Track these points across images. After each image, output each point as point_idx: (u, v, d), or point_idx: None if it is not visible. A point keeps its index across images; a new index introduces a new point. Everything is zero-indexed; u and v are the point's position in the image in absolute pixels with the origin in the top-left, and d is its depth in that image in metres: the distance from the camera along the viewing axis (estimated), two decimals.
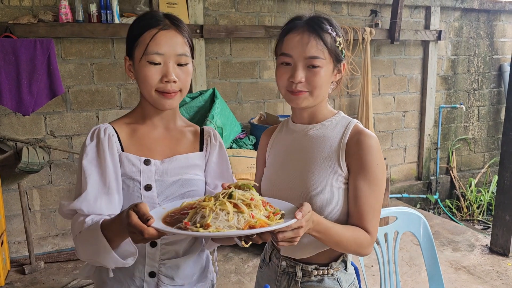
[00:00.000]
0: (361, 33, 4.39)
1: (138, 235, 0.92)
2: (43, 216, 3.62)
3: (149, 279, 1.21)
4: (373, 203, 1.17)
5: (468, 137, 5.53)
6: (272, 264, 1.33)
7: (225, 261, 3.38)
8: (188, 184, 1.22)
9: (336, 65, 1.20)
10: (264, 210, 0.99)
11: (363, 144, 1.16)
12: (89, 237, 1.06)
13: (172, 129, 1.28)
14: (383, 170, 1.18)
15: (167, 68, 1.14)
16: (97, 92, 3.63)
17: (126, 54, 1.22)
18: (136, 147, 1.21)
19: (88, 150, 1.16)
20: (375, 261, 3.33)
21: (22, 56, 3.07)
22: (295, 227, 0.96)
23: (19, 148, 3.38)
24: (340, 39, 1.19)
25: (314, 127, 1.25)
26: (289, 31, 1.17)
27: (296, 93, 1.17)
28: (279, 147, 1.32)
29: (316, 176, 1.19)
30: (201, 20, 3.85)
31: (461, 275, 3.20)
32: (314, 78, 1.15)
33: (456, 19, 5.16)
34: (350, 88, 4.64)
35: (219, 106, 3.39)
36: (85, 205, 1.10)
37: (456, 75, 5.30)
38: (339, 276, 1.25)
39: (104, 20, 3.42)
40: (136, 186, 1.17)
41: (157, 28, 1.14)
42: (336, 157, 1.19)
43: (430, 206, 5.28)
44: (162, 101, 1.17)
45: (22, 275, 3.25)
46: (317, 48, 1.14)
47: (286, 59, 1.17)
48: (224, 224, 0.92)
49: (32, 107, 3.14)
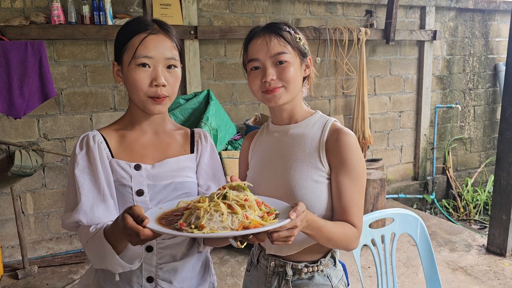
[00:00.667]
0: (356, 34, 4.38)
1: (134, 236, 0.93)
2: (36, 219, 3.58)
3: (147, 284, 1.20)
4: (357, 197, 1.20)
5: (464, 137, 5.53)
6: (260, 266, 1.33)
7: (221, 264, 3.35)
8: (181, 187, 1.22)
9: (303, 59, 1.25)
10: (258, 210, 1.00)
11: (342, 141, 1.20)
12: (95, 245, 1.07)
13: (161, 133, 1.27)
14: (363, 165, 1.22)
15: (157, 71, 1.14)
16: (90, 94, 3.60)
17: (114, 59, 1.22)
18: (126, 153, 1.21)
19: (78, 159, 1.16)
20: (372, 262, 3.32)
21: (13, 58, 3.03)
22: (290, 227, 0.97)
23: (12, 152, 3.34)
24: (299, 36, 1.24)
25: (294, 127, 1.29)
26: (251, 38, 1.23)
27: (271, 91, 1.20)
28: (261, 149, 1.35)
29: (298, 172, 1.22)
30: (195, 21, 3.82)
31: (458, 276, 3.19)
32: (284, 73, 1.19)
33: (451, 19, 5.16)
34: (345, 89, 4.63)
35: (214, 107, 3.37)
36: (83, 216, 1.10)
37: (452, 75, 5.30)
38: (329, 272, 1.27)
39: (97, 21, 3.40)
40: (128, 192, 1.17)
41: (146, 33, 1.15)
42: (317, 154, 1.22)
43: (426, 206, 5.27)
44: (151, 106, 1.17)
45: (15, 280, 3.21)
46: (279, 45, 1.19)
47: (255, 64, 1.21)
48: (218, 225, 0.93)
49: (23, 110, 3.10)
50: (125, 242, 1.04)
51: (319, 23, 4.39)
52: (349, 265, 3.39)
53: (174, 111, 3.33)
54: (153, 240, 1.17)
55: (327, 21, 4.45)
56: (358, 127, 4.53)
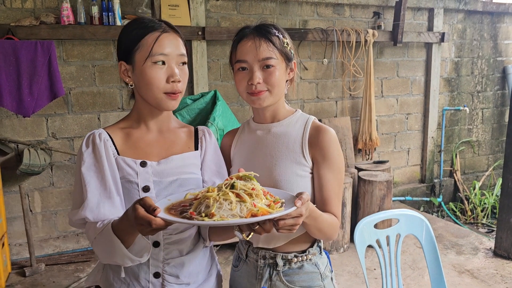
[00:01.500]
0: (363, 35, 4.37)
1: (146, 226, 0.95)
2: (44, 218, 3.61)
3: (154, 280, 1.22)
4: (337, 189, 1.28)
5: (472, 140, 5.49)
6: (249, 260, 1.37)
7: (226, 264, 3.36)
8: (186, 183, 1.23)
9: (288, 64, 1.30)
10: (265, 199, 1.03)
11: (324, 137, 1.28)
12: (103, 240, 1.08)
13: (166, 131, 1.30)
14: (342, 159, 1.31)
15: (172, 68, 1.18)
16: (98, 94, 3.63)
17: (120, 59, 1.23)
18: (131, 151, 1.23)
19: (85, 157, 1.18)
20: (377, 264, 3.30)
21: (22, 57, 3.07)
22: (295, 215, 1.01)
23: (21, 150, 3.38)
24: (287, 40, 1.30)
25: (277, 125, 1.35)
26: (241, 39, 1.27)
27: (256, 94, 1.26)
28: (244, 146, 1.39)
29: (283, 167, 1.28)
30: (203, 22, 3.84)
31: (464, 279, 3.17)
32: (270, 77, 1.25)
33: (460, 21, 5.14)
34: (352, 90, 4.62)
35: (221, 108, 3.37)
36: (89, 213, 1.12)
37: (460, 77, 5.27)
38: (316, 260, 1.34)
39: (105, 22, 3.43)
40: (134, 188, 1.19)
41: (159, 31, 1.18)
42: (300, 150, 1.29)
43: (433, 209, 5.24)
44: (168, 103, 1.20)
45: (22, 277, 3.24)
46: (268, 50, 1.24)
47: (242, 65, 1.26)
48: (228, 213, 0.96)
49: (32, 108, 3.14)
50: (133, 236, 1.05)
51: (326, 25, 4.40)
52: (354, 266, 3.38)
53: (181, 111, 3.34)
54: (160, 236, 1.20)
55: (334, 23, 4.45)
56: (365, 129, 4.52)
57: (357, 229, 1.86)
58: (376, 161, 4.31)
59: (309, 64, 4.39)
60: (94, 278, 1.28)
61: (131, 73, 1.22)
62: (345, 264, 3.42)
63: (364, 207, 3.73)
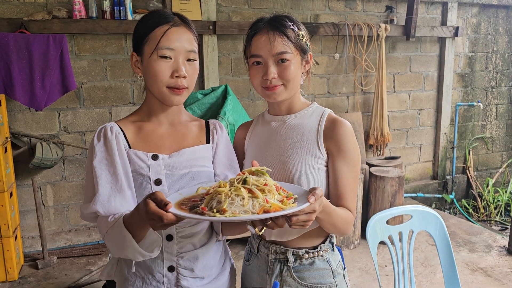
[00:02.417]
0: (376, 30, 4.32)
1: (157, 221, 0.94)
2: (56, 211, 3.65)
3: (169, 274, 1.21)
4: (352, 183, 1.26)
5: (486, 136, 5.41)
6: (261, 254, 1.36)
7: (236, 259, 3.36)
8: (198, 176, 1.23)
9: (303, 56, 1.29)
10: (277, 194, 1.01)
11: (339, 130, 1.26)
12: (115, 234, 1.08)
13: (177, 124, 1.29)
14: (358, 152, 1.28)
15: (178, 63, 1.16)
16: (110, 88, 3.64)
17: (133, 50, 1.23)
18: (143, 144, 1.23)
19: (96, 151, 1.18)
20: (389, 261, 3.28)
21: (35, 51, 3.09)
22: (309, 211, 1.00)
23: (33, 144, 3.41)
24: (302, 32, 1.27)
25: (292, 117, 1.33)
26: (255, 33, 1.26)
27: (271, 88, 1.25)
28: (258, 138, 1.38)
29: (297, 159, 1.26)
30: (214, 16, 3.83)
31: (477, 277, 3.12)
32: (285, 72, 1.23)
33: (474, 15, 5.05)
34: (364, 86, 4.58)
35: (231, 102, 3.36)
36: (100, 206, 1.12)
37: (474, 73, 5.18)
38: (328, 257, 1.32)
39: (117, 16, 3.43)
40: (146, 182, 1.18)
41: (169, 24, 1.17)
42: (315, 142, 1.27)
43: (445, 206, 5.18)
44: (171, 97, 1.19)
45: (35, 269, 3.28)
46: (283, 44, 1.22)
47: (257, 59, 1.25)
48: (240, 209, 0.95)
49: (44, 102, 3.16)
50: (145, 230, 1.05)
51: (338, 19, 4.35)
52: (365, 263, 3.36)
53: (192, 106, 3.34)
54: (173, 229, 1.19)
55: (346, 17, 4.41)
56: (377, 125, 4.48)
57: (369, 225, 1.84)
58: (387, 157, 4.26)
59: (320, 59, 4.35)
60: (109, 273, 1.28)
61: (140, 65, 1.21)
62: (355, 260, 3.40)
63: (375, 203, 3.70)
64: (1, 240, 3.04)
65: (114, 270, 1.27)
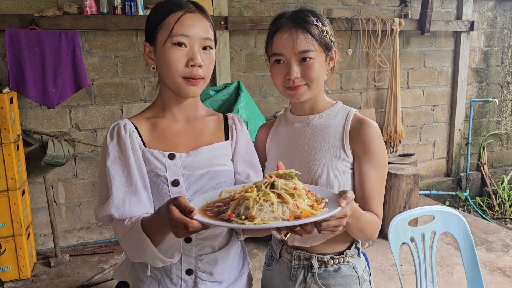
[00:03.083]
0: (389, 24, 4.24)
1: (181, 228, 0.89)
2: (68, 209, 3.63)
3: (187, 277, 1.16)
4: (379, 187, 1.21)
5: (501, 132, 5.31)
6: (283, 260, 1.31)
7: (250, 258, 3.31)
8: (217, 176, 1.17)
9: (328, 53, 1.23)
10: (307, 199, 0.95)
11: (366, 131, 1.20)
12: (132, 239, 1.03)
13: (193, 120, 1.22)
14: (386, 155, 1.23)
15: (193, 51, 1.09)
16: (121, 85, 3.61)
17: (146, 40, 1.17)
18: (158, 142, 1.16)
19: (110, 150, 1.11)
20: (405, 260, 3.22)
21: (47, 48, 3.06)
22: (340, 216, 0.94)
23: (45, 141, 3.39)
24: (326, 28, 1.21)
25: (316, 117, 1.28)
26: (277, 30, 1.20)
27: (294, 88, 1.20)
28: (280, 139, 1.33)
29: (322, 161, 1.21)
30: (226, 11, 3.77)
31: (496, 277, 3.06)
32: (309, 71, 1.18)
33: (490, 9, 4.94)
34: (377, 81, 4.50)
35: (244, 99, 3.32)
36: (115, 210, 1.06)
37: (489, 68, 5.08)
38: (354, 263, 1.27)
39: (128, 12, 3.39)
40: (163, 183, 1.12)
41: (183, 11, 1.10)
42: (341, 144, 1.22)
43: (459, 204, 5.10)
44: (186, 88, 1.11)
45: (47, 267, 3.27)
46: (306, 42, 1.16)
47: (279, 58, 1.20)
48: (269, 215, 0.89)
49: (57, 99, 3.13)
50: (164, 235, 1.00)
51: (351, 14, 4.27)
52: (380, 262, 3.31)
53: (204, 102, 3.30)
54: None
55: (359, 12, 4.33)
56: (390, 121, 4.41)
57: (391, 226, 1.79)
58: (402, 154, 4.20)
59: None
60: (122, 274, 1.24)
61: (153, 55, 1.14)
62: (370, 259, 3.35)
63: (390, 202, 3.64)
64: (14, 238, 3.03)
65: (128, 271, 1.22)
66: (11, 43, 3.01)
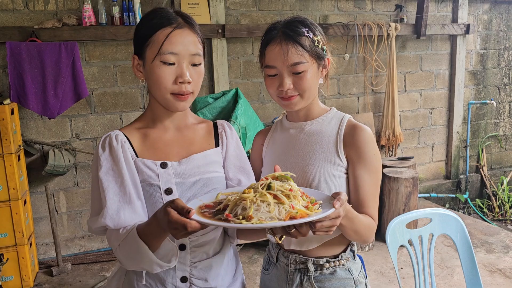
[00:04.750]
0: (385, 29, 4.28)
1: (180, 229, 0.91)
2: (69, 218, 3.65)
3: (181, 285, 1.17)
4: (374, 190, 1.24)
5: (499, 134, 5.33)
6: (280, 264, 1.34)
7: (250, 263, 3.34)
8: (210, 183, 1.19)
9: (320, 63, 1.25)
10: (302, 200, 0.99)
11: (360, 136, 1.23)
12: (128, 247, 1.04)
13: (183, 128, 1.24)
14: (379, 159, 1.26)
15: (182, 68, 1.11)
16: (120, 94, 3.64)
17: (135, 52, 1.18)
18: (150, 152, 1.18)
19: (102, 161, 1.13)
20: (404, 263, 3.24)
21: (47, 60, 3.10)
22: (334, 216, 0.97)
23: (46, 151, 3.42)
24: (317, 37, 1.22)
25: (311, 123, 1.31)
26: (268, 43, 1.23)
27: (287, 99, 1.23)
28: (276, 145, 1.36)
29: (317, 167, 1.24)
30: (223, 19, 3.82)
31: (496, 278, 3.07)
32: (300, 82, 1.20)
33: (485, 12, 4.98)
34: (375, 86, 4.54)
35: (243, 106, 3.35)
36: (109, 220, 1.08)
37: (486, 70, 5.11)
38: (350, 266, 1.30)
39: (126, 22, 3.44)
40: (156, 192, 1.14)
41: (171, 27, 1.11)
42: (335, 149, 1.25)
43: (459, 206, 5.11)
44: (175, 104, 1.13)
45: (50, 276, 3.29)
46: (297, 54, 1.18)
47: (272, 71, 1.22)
48: (266, 215, 0.92)
49: (57, 110, 3.17)
50: (161, 240, 1.02)
51: (347, 19, 4.32)
52: (380, 265, 3.32)
53: (203, 110, 3.33)
54: (186, 238, 1.16)
55: (355, 17, 4.37)
56: (388, 125, 4.43)
57: (389, 229, 1.81)
58: (400, 158, 4.22)
59: None
60: (116, 284, 1.23)
61: (142, 69, 1.16)
62: (370, 263, 3.36)
63: (389, 205, 3.66)
64: (16, 248, 3.05)
65: (121, 281, 1.22)
66: (12, 56, 3.05)
